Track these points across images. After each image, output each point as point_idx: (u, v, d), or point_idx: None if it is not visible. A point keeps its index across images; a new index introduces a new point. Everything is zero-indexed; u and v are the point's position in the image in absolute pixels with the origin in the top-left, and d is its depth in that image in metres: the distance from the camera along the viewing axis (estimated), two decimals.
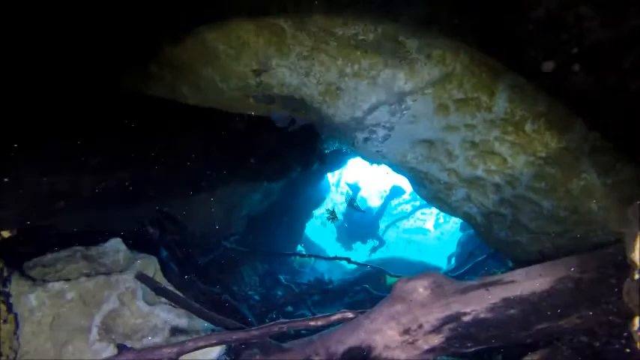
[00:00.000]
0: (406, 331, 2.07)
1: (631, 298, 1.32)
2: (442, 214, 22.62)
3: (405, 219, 18.76)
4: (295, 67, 3.80)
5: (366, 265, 7.17)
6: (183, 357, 3.60)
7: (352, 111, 4.12)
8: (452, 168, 4.44)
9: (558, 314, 1.79)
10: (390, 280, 6.50)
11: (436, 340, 2.01)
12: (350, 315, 2.48)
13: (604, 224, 3.76)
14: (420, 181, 5.23)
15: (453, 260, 10.16)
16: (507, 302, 1.92)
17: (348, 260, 6.80)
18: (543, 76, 2.96)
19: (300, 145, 4.70)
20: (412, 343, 2.04)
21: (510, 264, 7.13)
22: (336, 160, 8.77)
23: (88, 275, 3.61)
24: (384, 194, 17.90)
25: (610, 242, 3.74)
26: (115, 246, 4.10)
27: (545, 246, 4.57)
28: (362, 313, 2.41)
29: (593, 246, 4.01)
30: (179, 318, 3.69)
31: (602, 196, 3.47)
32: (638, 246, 1.31)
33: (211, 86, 4.12)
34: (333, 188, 17.50)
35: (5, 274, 3.35)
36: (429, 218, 20.86)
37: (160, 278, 4.10)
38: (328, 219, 7.08)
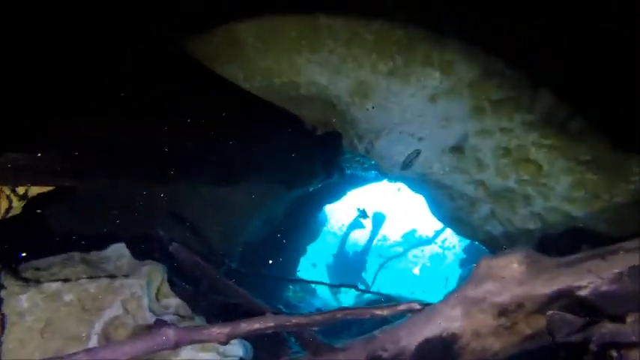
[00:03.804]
0: (502, 313, 1.75)
1: None
2: (428, 258, 22.34)
3: (397, 259, 18.31)
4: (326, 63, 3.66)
5: (375, 293, 6.76)
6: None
7: (381, 113, 3.96)
8: (480, 179, 4.26)
9: None
10: None
11: (542, 321, 1.70)
12: (417, 306, 2.15)
13: None
14: (441, 197, 5.02)
15: None
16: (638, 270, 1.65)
17: (356, 288, 6.39)
18: None
19: (325, 151, 4.47)
20: (510, 327, 1.73)
21: None
22: (339, 188, 8.55)
23: (89, 278, 3.18)
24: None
25: None
26: (118, 251, 3.66)
27: None
28: (429, 305, 2.08)
29: None
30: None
31: None
32: None
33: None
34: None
35: None
36: (419, 261, 20.55)
37: (167, 290, 3.66)
38: (360, 218, 7.08)
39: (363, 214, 7.45)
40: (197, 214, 5.11)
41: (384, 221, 17.02)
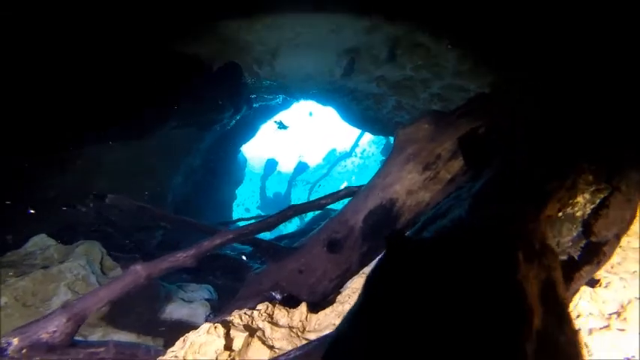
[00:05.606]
0: (427, 167, 2.00)
1: None
2: (352, 172, 23.50)
3: (324, 178, 19.00)
4: None
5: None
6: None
7: (272, 31, 3.88)
8: (380, 75, 4.46)
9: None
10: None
11: (456, 164, 1.97)
12: (355, 188, 2.37)
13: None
14: (349, 103, 5.21)
15: None
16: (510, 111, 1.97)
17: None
18: None
19: (227, 84, 4.30)
20: (434, 177, 1.98)
21: None
22: (251, 125, 8.43)
23: (17, 276, 2.95)
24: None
25: None
26: (41, 243, 3.40)
27: None
28: (364, 185, 2.28)
29: None
30: None
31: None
32: None
33: None
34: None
35: None
36: (344, 177, 21.55)
37: (111, 262, 3.53)
38: (279, 128, 7.49)
39: (281, 125, 7.78)
40: (114, 186, 4.81)
41: (306, 169, 17.54)
